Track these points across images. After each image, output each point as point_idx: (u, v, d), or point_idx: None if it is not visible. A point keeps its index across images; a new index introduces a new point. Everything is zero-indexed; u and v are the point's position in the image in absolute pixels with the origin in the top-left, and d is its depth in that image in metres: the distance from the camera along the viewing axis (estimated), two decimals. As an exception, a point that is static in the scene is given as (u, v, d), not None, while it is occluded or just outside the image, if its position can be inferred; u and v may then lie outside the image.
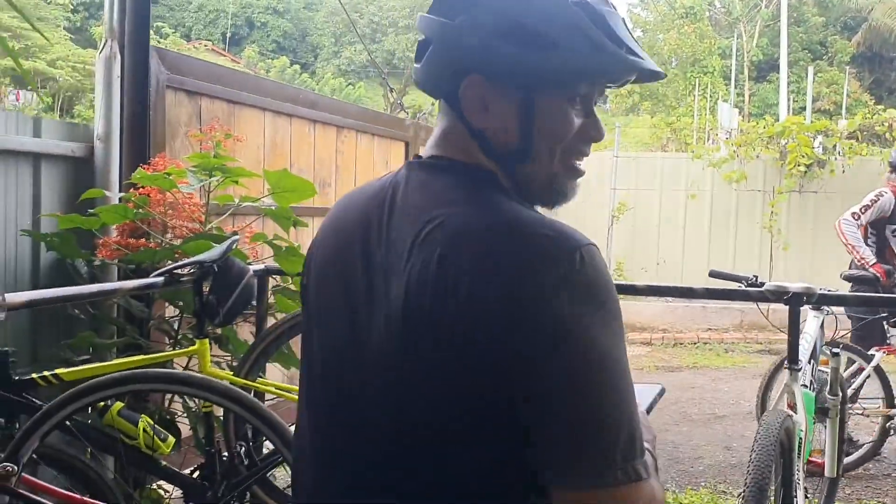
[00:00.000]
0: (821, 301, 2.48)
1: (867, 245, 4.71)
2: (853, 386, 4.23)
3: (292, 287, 3.41)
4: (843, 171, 8.97)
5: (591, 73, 0.99)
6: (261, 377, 3.02)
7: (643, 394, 1.07)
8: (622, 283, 3.42)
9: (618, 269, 9.74)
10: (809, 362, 2.92)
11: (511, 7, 0.98)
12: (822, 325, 3.11)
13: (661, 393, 1.11)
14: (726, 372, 7.28)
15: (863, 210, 4.63)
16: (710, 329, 9.06)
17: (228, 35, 37.81)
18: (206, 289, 2.73)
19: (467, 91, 1.00)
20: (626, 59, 0.98)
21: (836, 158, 8.98)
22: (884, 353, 4.31)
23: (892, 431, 4.22)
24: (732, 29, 27.21)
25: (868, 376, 4.27)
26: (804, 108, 24.77)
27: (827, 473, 3.12)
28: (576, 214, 10.14)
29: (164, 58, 3.70)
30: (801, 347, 2.71)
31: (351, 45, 34.63)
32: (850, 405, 4.32)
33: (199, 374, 2.59)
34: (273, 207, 3.36)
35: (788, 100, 23.20)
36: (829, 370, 3.12)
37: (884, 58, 27.94)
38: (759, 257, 9.49)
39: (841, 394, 3.18)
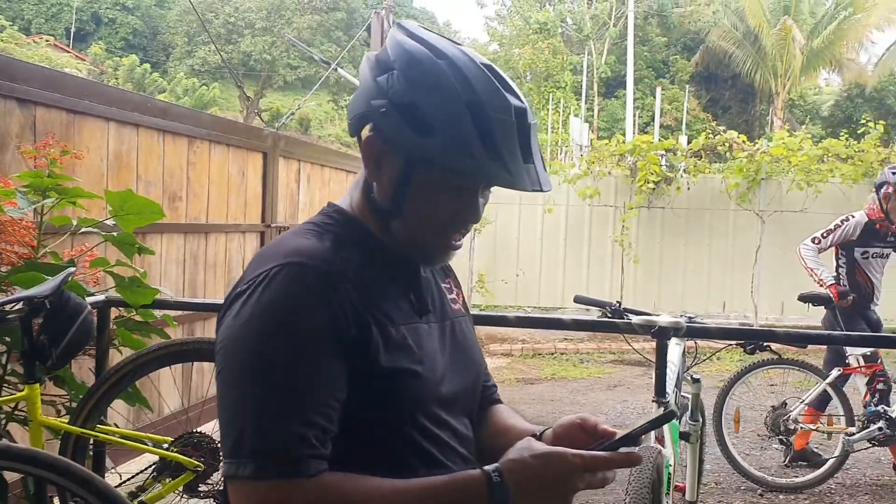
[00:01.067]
0: (688, 334, 2.50)
1: (839, 266, 4.83)
2: (805, 401, 4.50)
3: (137, 318, 3.10)
4: (689, 188, 9.45)
5: (457, 169, 1.06)
6: (102, 422, 2.72)
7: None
8: (494, 315, 3.38)
9: (480, 282, 9.82)
10: (673, 390, 2.96)
11: (416, 85, 1.06)
12: (683, 351, 3.18)
13: (662, 419, 1.11)
14: (583, 383, 7.45)
15: (824, 235, 4.78)
16: (566, 339, 9.29)
17: (73, 30, 35.51)
18: (36, 327, 2.44)
19: (366, 142, 1.12)
20: (489, 169, 1.05)
21: (681, 176, 9.45)
22: (839, 370, 4.48)
23: (852, 449, 4.38)
24: (583, 46, 28.34)
25: (822, 393, 4.47)
26: (648, 124, 26.15)
27: (688, 497, 3.19)
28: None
29: (-11, 60, 3.31)
30: (667, 378, 2.74)
31: (205, 44, 33.33)
32: (813, 424, 4.58)
33: (18, 446, 2.21)
34: (115, 232, 3.05)
35: (634, 115, 24.41)
36: (689, 396, 3.19)
37: (719, 78, 29.95)
38: (611, 269, 9.85)
39: (701, 419, 3.26)
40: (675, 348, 3.04)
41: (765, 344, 3.07)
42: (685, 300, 9.56)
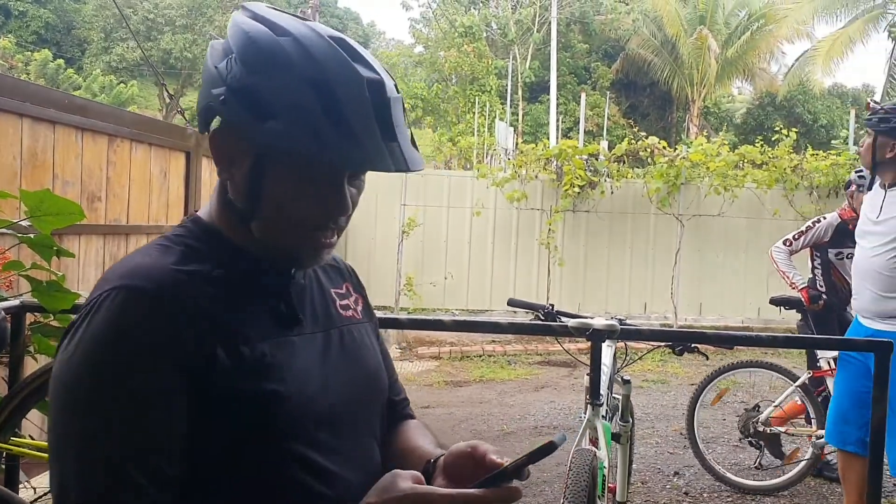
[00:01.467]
0: (622, 336, 2.53)
1: (814, 267, 4.87)
2: (776, 403, 4.54)
3: (54, 324, 2.96)
4: (612, 192, 9.64)
5: (304, 153, 0.96)
6: (17, 434, 2.58)
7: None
8: (431, 319, 3.35)
9: (408, 284, 9.78)
10: (605, 392, 2.99)
11: (253, 67, 0.97)
12: (614, 354, 3.22)
13: (545, 450, 1.00)
14: (511, 385, 7.50)
15: (795, 237, 4.81)
16: (494, 341, 9.34)
17: (-21, 24, 33.89)
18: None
19: (213, 137, 1.03)
20: (341, 151, 0.95)
21: (605, 180, 9.63)
22: (810, 374, 4.53)
23: (821, 452, 4.44)
24: (508, 51, 28.63)
25: (791, 394, 4.50)
26: (571, 129, 26.59)
27: (618, 498, 3.23)
28: (367, 230, 10.08)
29: None
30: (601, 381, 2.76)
31: (123, 41, 32.29)
32: (782, 427, 4.60)
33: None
34: (32, 234, 2.90)
35: (558, 120, 24.78)
36: (620, 397, 3.24)
37: (638, 85, 30.64)
38: (538, 272, 9.95)
39: (631, 420, 3.31)
40: (606, 350, 3.08)
41: (693, 346, 3.14)
42: (609, 301, 9.75)
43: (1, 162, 3.77)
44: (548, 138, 17.59)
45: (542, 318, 3.17)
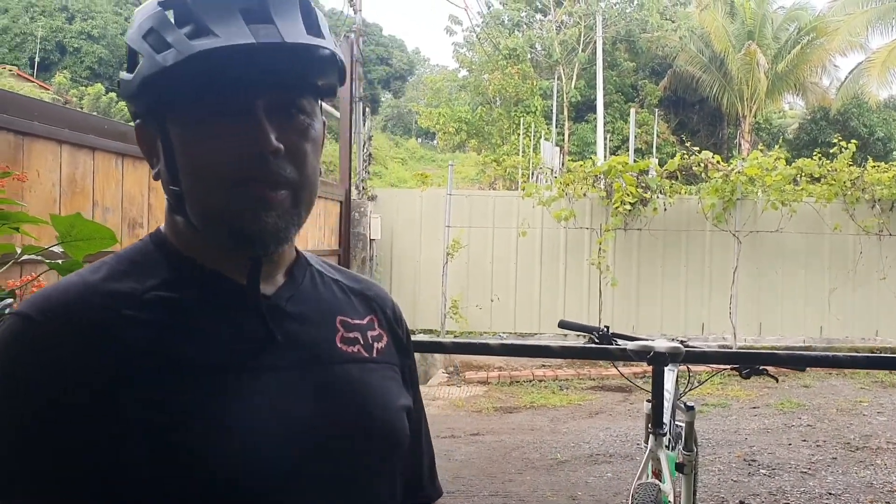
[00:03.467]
0: (686, 359, 2.32)
1: None
2: None
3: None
4: (665, 209, 9.36)
5: (166, 73, 0.82)
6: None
7: None
8: (477, 343, 3.17)
9: (454, 307, 9.60)
10: (668, 420, 2.77)
11: (130, 28, 0.89)
12: (676, 378, 3.00)
13: None
14: (563, 411, 7.25)
15: None
16: (544, 366, 9.09)
17: (37, 60, 35.05)
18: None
19: (135, 131, 0.94)
20: (204, 53, 0.81)
21: (658, 197, 9.35)
22: None
23: None
24: (553, 71, 28.46)
25: None
26: (618, 147, 26.25)
27: (685, 533, 2.98)
28: (411, 252, 9.95)
29: (-72, 78, 3.07)
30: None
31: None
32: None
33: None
34: (62, 260, 2.81)
35: (605, 139, 24.49)
36: (683, 424, 3.01)
37: (687, 102, 30.20)
38: (588, 293, 9.69)
39: (695, 448, 3.07)
40: (668, 374, 2.86)
41: (761, 368, 2.89)
42: (664, 323, 9.43)
43: (40, 189, 3.72)
44: (595, 157, 17.35)
45: (597, 340, 2.97)
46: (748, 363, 2.65)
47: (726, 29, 26.52)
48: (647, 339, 2.45)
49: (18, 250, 2.89)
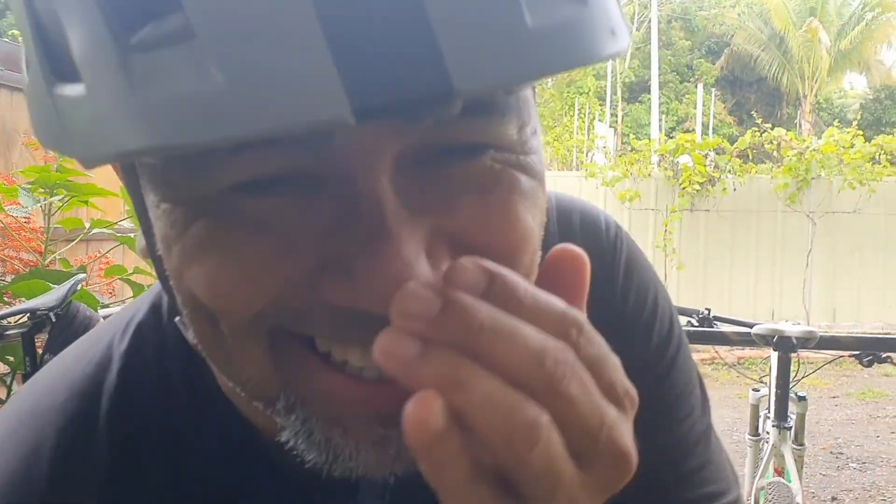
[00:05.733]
0: (821, 345, 2.08)
1: None
2: None
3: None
4: (735, 189, 8.99)
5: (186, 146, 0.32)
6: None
7: None
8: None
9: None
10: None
11: None
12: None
13: None
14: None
15: None
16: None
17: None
18: (41, 343, 2.08)
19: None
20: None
21: (727, 176, 8.99)
22: None
23: None
24: (606, 50, 27.95)
25: None
26: (673, 128, 25.65)
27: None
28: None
29: (-7, 48, 2.97)
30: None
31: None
32: None
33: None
34: (133, 234, 2.67)
35: (659, 120, 23.94)
36: (794, 416, 2.75)
37: (744, 81, 29.41)
38: (653, 276, 9.38)
39: (805, 444, 2.82)
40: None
41: (884, 355, 2.62)
42: (732, 307, 9.07)
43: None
44: (649, 138, 16.93)
45: (697, 323, 2.74)
46: (880, 350, 2.39)
47: (786, 5, 25.68)
48: (768, 324, 2.21)
49: (87, 225, 2.77)
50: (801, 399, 2.81)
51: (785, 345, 2.05)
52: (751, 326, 2.30)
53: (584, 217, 0.62)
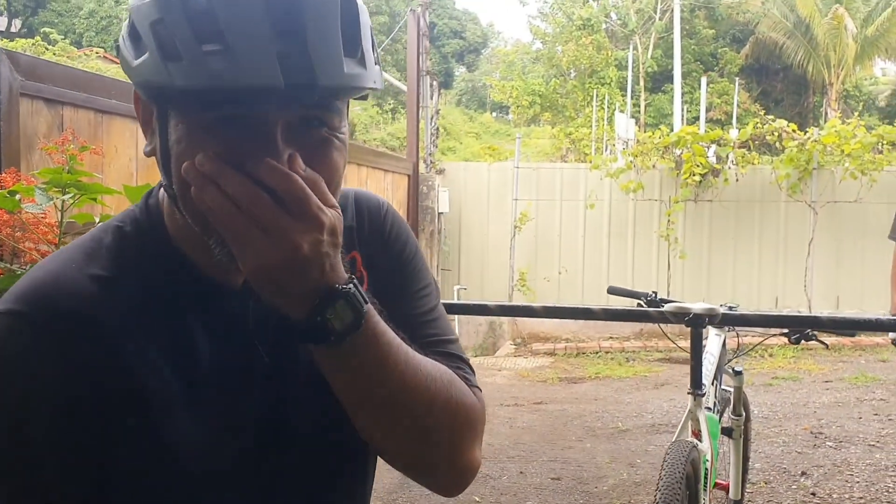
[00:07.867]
0: (724, 321, 2.36)
1: None
2: None
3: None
4: (737, 180, 9.17)
5: (163, 85, 0.73)
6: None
7: None
8: (520, 305, 3.26)
9: (521, 280, 9.66)
10: (713, 383, 2.81)
11: (134, 3, 0.76)
12: (724, 343, 3.02)
13: None
14: (628, 382, 7.27)
15: None
16: (611, 338, 9.10)
17: (121, 42, 36.33)
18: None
19: (134, 98, 0.85)
20: (196, 68, 0.70)
21: (729, 167, 9.17)
22: None
23: None
24: (628, 41, 27.92)
25: None
26: (697, 118, 25.61)
27: (731, 496, 3.03)
28: (479, 226, 10.04)
29: (17, 62, 3.32)
30: (704, 370, 2.59)
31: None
32: None
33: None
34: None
35: (683, 110, 23.90)
36: (731, 389, 3.03)
37: (770, 69, 29.21)
38: (657, 266, 9.60)
39: (744, 413, 3.09)
40: (714, 339, 2.89)
41: (811, 332, 2.88)
42: (735, 296, 9.27)
43: (118, 163, 3.96)
44: (671, 129, 17.01)
45: (645, 305, 3.01)
46: (792, 327, 2.65)
47: (812, -8, 25.48)
48: (686, 303, 2.49)
49: (97, 220, 3.12)
50: (738, 373, 3.09)
51: (694, 322, 2.32)
52: (690, 311, 2.57)
53: (369, 197, 1.02)
